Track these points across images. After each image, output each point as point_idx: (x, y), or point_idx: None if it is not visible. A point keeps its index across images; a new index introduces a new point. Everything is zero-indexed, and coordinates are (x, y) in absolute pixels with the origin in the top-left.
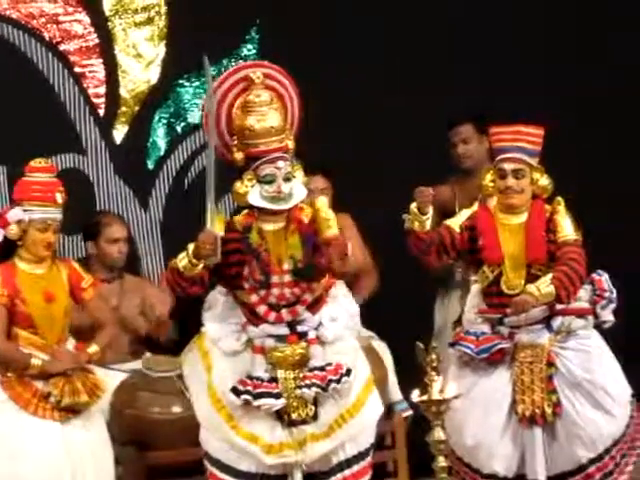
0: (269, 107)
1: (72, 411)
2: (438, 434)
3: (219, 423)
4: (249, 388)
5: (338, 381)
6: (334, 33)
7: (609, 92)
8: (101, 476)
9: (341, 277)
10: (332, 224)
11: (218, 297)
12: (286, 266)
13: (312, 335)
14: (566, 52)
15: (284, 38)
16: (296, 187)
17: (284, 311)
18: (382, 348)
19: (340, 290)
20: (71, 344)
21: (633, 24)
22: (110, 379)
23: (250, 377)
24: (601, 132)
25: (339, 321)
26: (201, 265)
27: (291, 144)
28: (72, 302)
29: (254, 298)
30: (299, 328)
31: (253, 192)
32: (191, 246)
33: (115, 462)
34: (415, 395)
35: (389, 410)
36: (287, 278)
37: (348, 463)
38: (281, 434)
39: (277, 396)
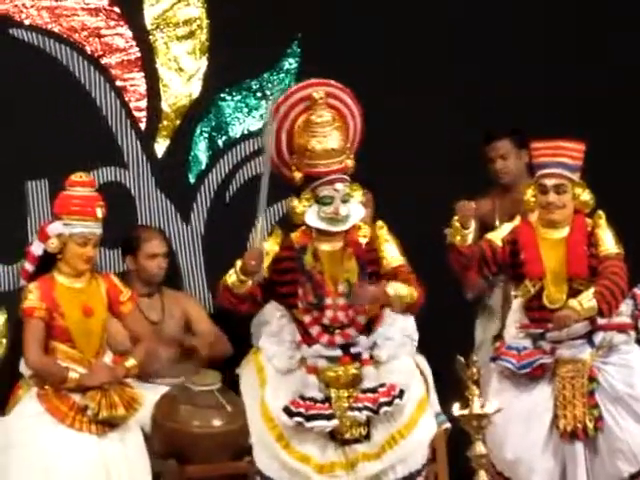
0: (331, 128)
1: (109, 425)
2: (479, 448)
3: (270, 442)
4: (301, 410)
5: (390, 403)
6: (379, 45)
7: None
8: None
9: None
10: (391, 253)
11: (274, 312)
12: (341, 288)
13: (366, 356)
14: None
15: (326, 51)
16: (353, 208)
17: (337, 334)
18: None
19: None
20: (108, 358)
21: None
22: (151, 393)
23: (303, 397)
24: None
25: (394, 340)
26: (249, 282)
27: (351, 163)
28: (110, 316)
29: (307, 319)
30: (352, 350)
31: (310, 212)
32: (239, 262)
33: (157, 476)
34: (455, 409)
35: None
36: (341, 301)
37: None
38: (333, 454)
39: (329, 417)
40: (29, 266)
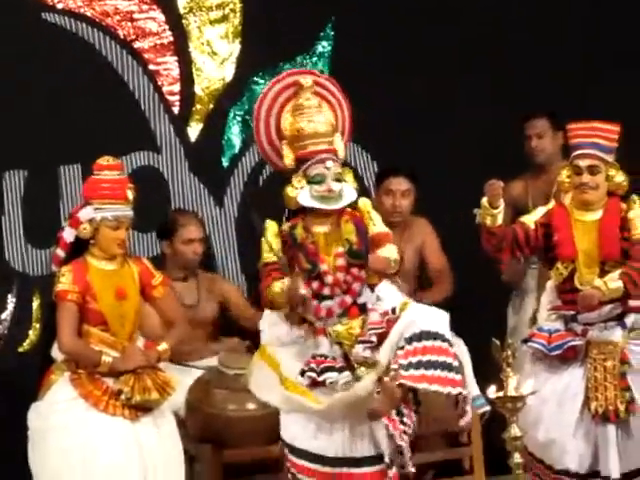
0: (318, 111)
1: (142, 409)
2: (514, 430)
3: (275, 384)
4: (313, 365)
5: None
6: (408, 30)
7: None
8: (171, 473)
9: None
10: (377, 223)
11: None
12: (341, 249)
13: (370, 306)
14: None
15: (359, 35)
16: (347, 189)
17: (334, 304)
18: (459, 344)
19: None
20: (141, 342)
21: None
22: (184, 377)
23: (313, 356)
24: None
25: (390, 298)
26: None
27: (341, 148)
28: (143, 299)
29: (307, 292)
30: (359, 300)
31: (303, 193)
32: (287, 284)
33: (193, 459)
34: (491, 391)
35: None
36: (340, 262)
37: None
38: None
39: (341, 370)
40: (61, 252)
